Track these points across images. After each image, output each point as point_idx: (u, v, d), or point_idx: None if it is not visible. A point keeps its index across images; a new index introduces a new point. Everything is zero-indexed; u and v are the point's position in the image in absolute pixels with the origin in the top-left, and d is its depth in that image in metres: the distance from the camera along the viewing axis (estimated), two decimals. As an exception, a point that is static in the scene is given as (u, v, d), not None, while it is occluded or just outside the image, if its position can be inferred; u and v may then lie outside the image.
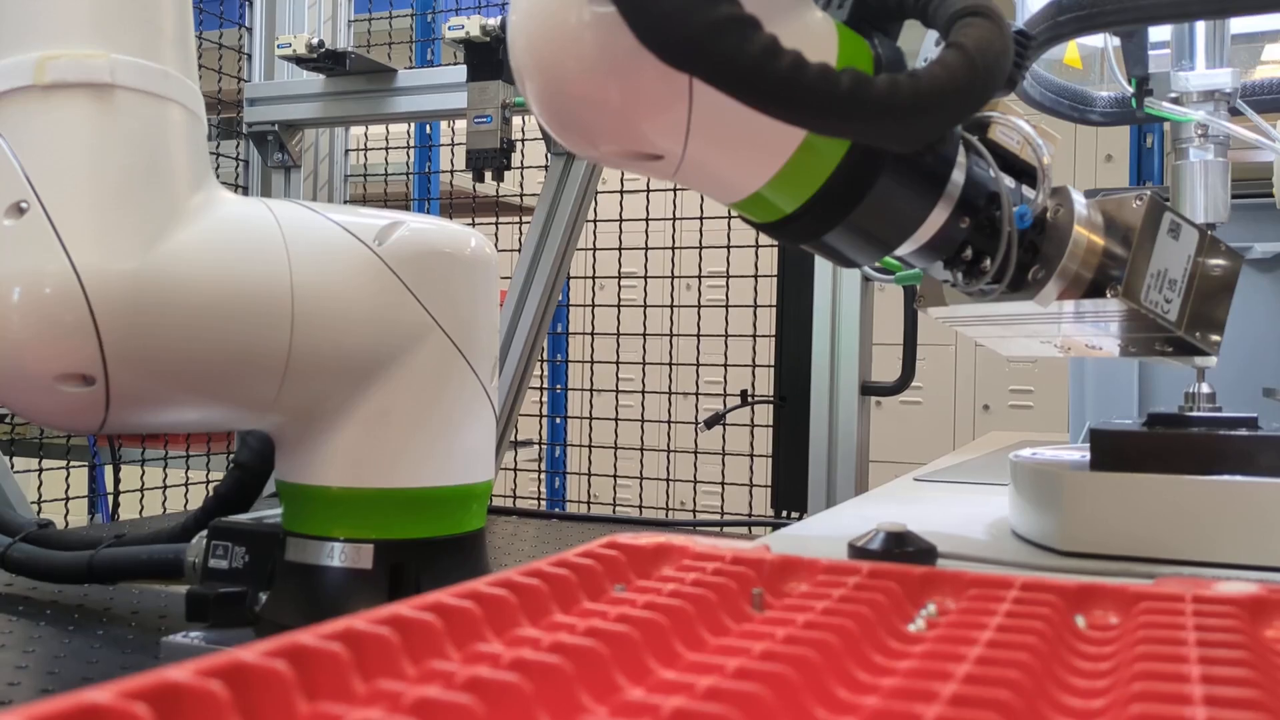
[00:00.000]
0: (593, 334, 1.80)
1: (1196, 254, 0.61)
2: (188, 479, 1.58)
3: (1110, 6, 0.64)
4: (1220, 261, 0.62)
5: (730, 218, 1.63)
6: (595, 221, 1.74)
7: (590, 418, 1.84)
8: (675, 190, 1.74)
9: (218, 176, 0.68)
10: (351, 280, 0.65)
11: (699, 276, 1.69)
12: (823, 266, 1.40)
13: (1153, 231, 0.59)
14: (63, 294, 0.58)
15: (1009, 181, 0.58)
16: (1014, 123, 0.59)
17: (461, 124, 1.57)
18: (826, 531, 0.75)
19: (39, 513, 1.24)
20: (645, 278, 1.74)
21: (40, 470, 1.40)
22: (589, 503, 2.11)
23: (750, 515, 1.61)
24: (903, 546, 0.58)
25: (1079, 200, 0.60)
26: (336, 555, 0.65)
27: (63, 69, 0.61)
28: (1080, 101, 0.86)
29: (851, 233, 0.55)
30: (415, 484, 0.66)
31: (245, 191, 1.64)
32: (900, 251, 0.58)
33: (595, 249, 1.76)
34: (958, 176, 0.55)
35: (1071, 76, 0.86)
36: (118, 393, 0.60)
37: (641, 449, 1.75)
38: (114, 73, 0.61)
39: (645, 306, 1.75)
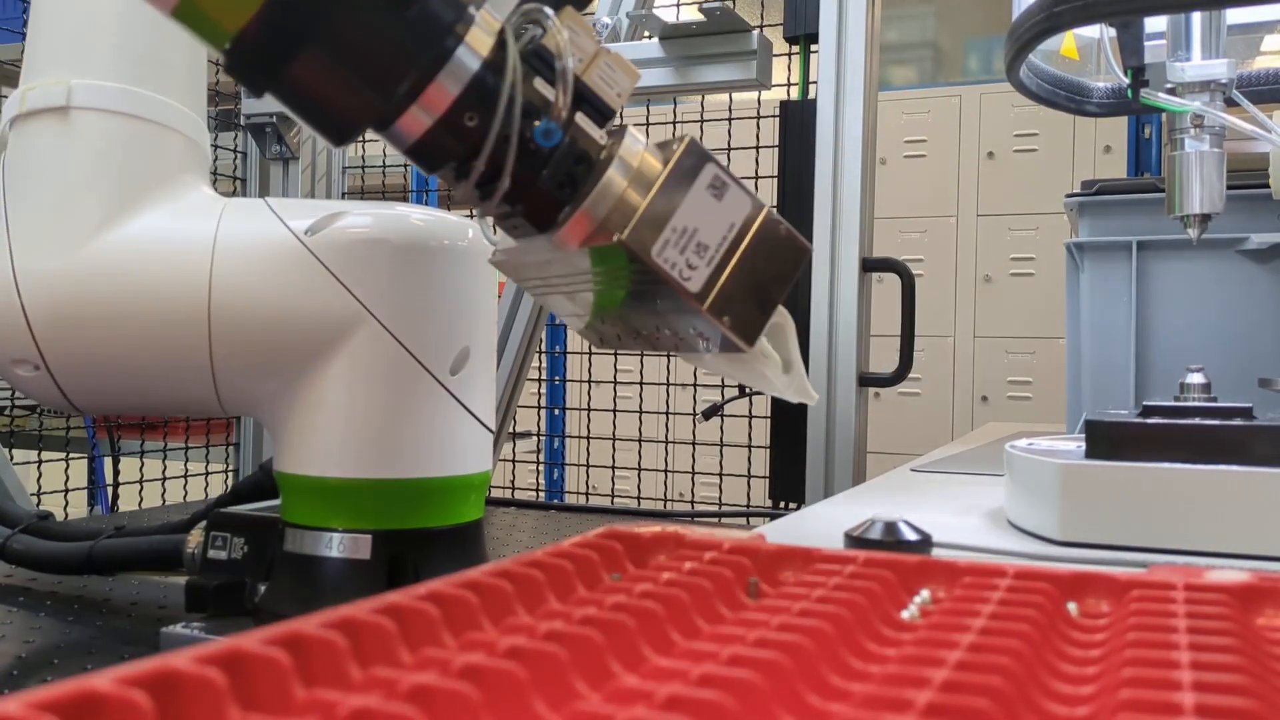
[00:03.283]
0: (591, 325, 1.79)
1: (744, 225, 0.52)
2: (187, 470, 1.58)
3: None
4: (777, 247, 0.53)
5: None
6: (593, 213, 1.74)
7: (588, 409, 1.84)
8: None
9: (215, 168, 0.70)
10: (276, 274, 0.66)
11: (697, 268, 1.69)
12: (820, 257, 1.40)
13: (683, 180, 0.51)
14: (3, 289, 0.68)
15: (564, 97, 0.50)
16: (553, 24, 0.50)
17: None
18: (823, 521, 0.75)
19: (38, 504, 1.24)
20: (643, 269, 1.74)
21: (40, 462, 1.41)
22: (587, 494, 2.12)
23: (748, 506, 1.62)
24: (898, 536, 0.58)
25: (633, 143, 0.52)
26: (335, 546, 0.65)
27: (35, 98, 0.70)
28: (1077, 92, 0.87)
29: (322, 66, 0.46)
30: (413, 474, 0.66)
31: (243, 183, 1.64)
32: (405, 132, 0.49)
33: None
34: (468, 58, 0.48)
35: (1068, 67, 0.86)
36: (61, 379, 0.69)
37: (640, 440, 1.75)
38: (70, 96, 0.69)
39: (643, 298, 1.75)
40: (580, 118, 0.51)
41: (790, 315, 0.57)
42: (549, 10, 0.50)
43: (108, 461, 1.59)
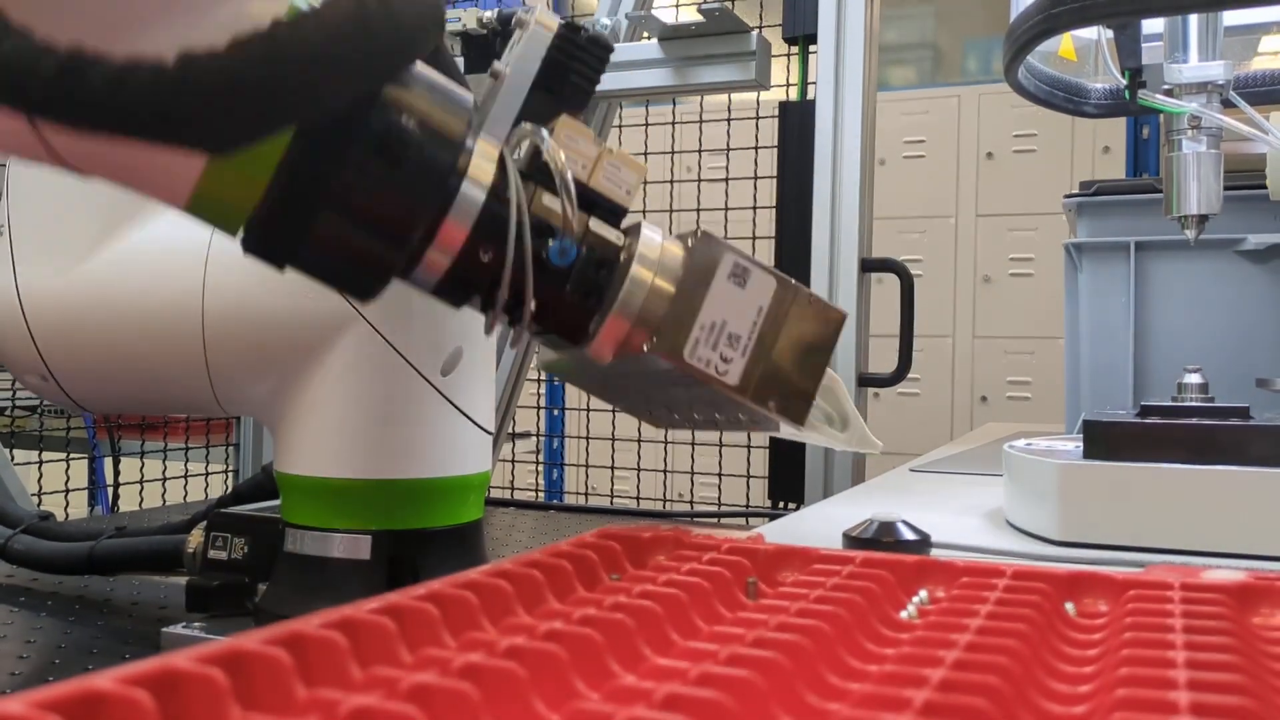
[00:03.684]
0: (590, 326, 1.79)
1: (772, 306, 0.51)
2: (187, 471, 1.59)
3: None
4: (810, 320, 0.52)
5: (727, 209, 1.64)
6: (593, 213, 1.74)
7: (588, 409, 1.85)
8: (672, 181, 1.74)
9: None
10: (267, 276, 0.66)
11: (696, 268, 1.69)
12: (819, 257, 1.40)
13: (703, 274, 0.50)
14: (8, 306, 0.69)
15: (571, 212, 0.49)
16: (548, 145, 0.49)
17: (459, 116, 1.57)
18: (822, 522, 0.76)
19: (39, 505, 1.24)
20: (643, 270, 1.74)
21: (40, 463, 1.41)
22: (586, 494, 2.12)
23: (747, 506, 1.62)
24: (897, 536, 0.59)
25: (649, 239, 0.51)
26: (335, 546, 0.65)
27: None
28: (1075, 94, 0.87)
29: (334, 236, 0.46)
30: (412, 475, 0.66)
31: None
32: (426, 275, 0.49)
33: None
34: (474, 192, 0.47)
35: (1066, 69, 0.86)
36: (66, 386, 0.71)
37: (639, 440, 1.75)
38: None
39: (643, 298, 1.75)
40: (594, 222, 0.50)
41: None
42: (544, 132, 0.49)
43: (108, 462, 1.59)
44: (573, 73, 0.51)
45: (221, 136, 0.39)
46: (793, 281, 0.51)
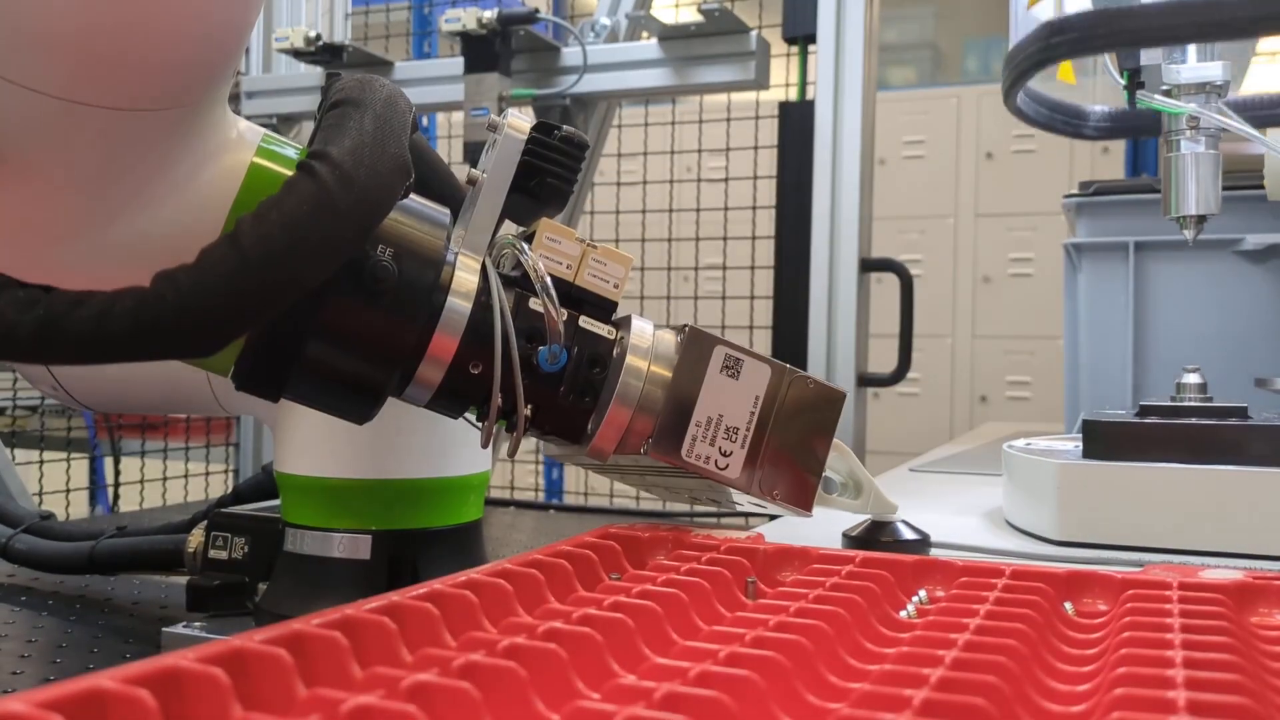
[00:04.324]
0: (590, 326, 1.79)
1: (769, 394, 0.50)
2: (187, 470, 1.59)
3: (1101, 31, 0.64)
4: (808, 404, 0.51)
5: (727, 209, 1.64)
6: (591, 214, 1.74)
7: (588, 409, 1.84)
8: (671, 182, 1.74)
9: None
10: None
11: (695, 269, 1.69)
12: (819, 257, 1.40)
13: (695, 371, 0.50)
14: None
15: (556, 318, 0.48)
16: (528, 258, 0.49)
17: (458, 116, 1.57)
18: (822, 522, 0.76)
19: (40, 504, 1.24)
20: (642, 269, 1.74)
21: (41, 462, 1.41)
22: (586, 494, 2.12)
23: (747, 506, 1.62)
24: (896, 536, 0.59)
25: (640, 329, 0.51)
26: (335, 546, 0.65)
27: None
28: (1074, 116, 0.87)
29: (324, 366, 0.46)
30: (412, 475, 0.66)
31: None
32: (415, 399, 0.50)
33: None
34: (458, 304, 0.47)
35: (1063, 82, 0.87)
36: (76, 394, 0.75)
37: (639, 440, 1.75)
38: None
39: (642, 299, 1.76)
40: (584, 320, 0.50)
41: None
42: (523, 245, 0.49)
43: (109, 461, 1.60)
44: (549, 175, 0.51)
45: (200, 349, 0.40)
46: (788, 366, 0.51)
